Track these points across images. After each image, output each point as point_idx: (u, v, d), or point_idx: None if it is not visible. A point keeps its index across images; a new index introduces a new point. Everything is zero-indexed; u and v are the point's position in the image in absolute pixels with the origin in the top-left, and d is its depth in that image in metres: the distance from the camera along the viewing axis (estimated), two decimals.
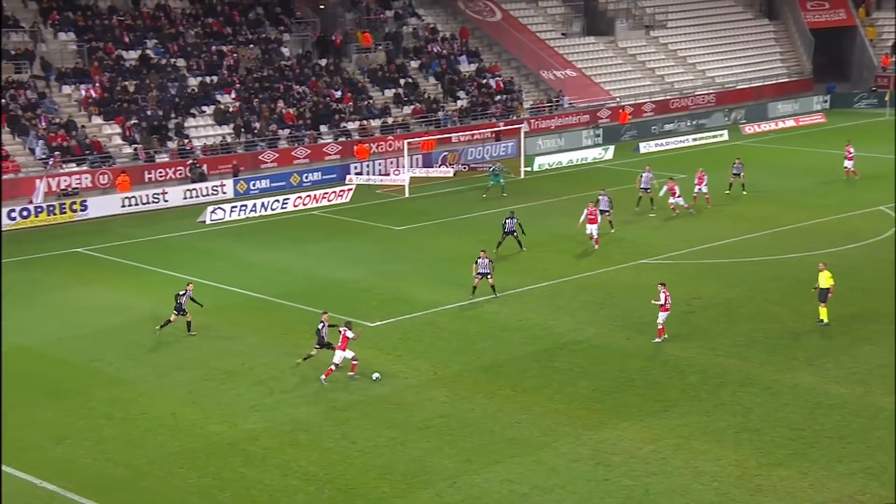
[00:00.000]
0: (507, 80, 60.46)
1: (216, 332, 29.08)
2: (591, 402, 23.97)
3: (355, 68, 57.68)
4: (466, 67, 60.42)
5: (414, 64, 59.49)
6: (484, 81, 59.48)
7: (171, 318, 28.46)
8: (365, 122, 53.91)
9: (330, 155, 51.76)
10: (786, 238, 37.05)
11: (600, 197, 38.01)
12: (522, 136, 53.02)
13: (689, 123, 61.90)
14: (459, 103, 57.48)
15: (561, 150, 56.01)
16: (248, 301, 32.06)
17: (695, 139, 58.28)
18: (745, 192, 43.61)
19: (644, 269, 34.29)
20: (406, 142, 49.47)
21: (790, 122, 62.41)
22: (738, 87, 67.09)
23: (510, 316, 30.15)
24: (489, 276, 30.95)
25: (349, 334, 25.21)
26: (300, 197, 45.34)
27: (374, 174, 50.24)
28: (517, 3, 66.96)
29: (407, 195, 46.81)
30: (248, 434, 22.70)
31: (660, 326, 27.38)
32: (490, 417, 23.26)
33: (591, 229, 36.04)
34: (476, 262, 31.08)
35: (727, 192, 43.70)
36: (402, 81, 57.63)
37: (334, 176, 49.75)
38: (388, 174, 49.89)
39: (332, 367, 25.33)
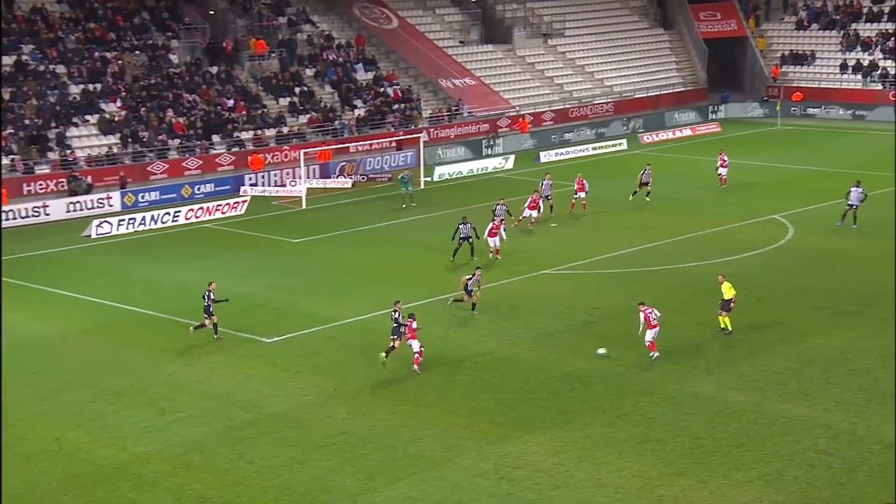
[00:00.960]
0: (405, 88, 60.65)
1: (104, 351, 28.38)
2: (494, 416, 24.14)
3: (248, 76, 57.13)
4: (363, 76, 60.42)
5: (309, 72, 59.20)
6: (381, 90, 59.55)
7: (205, 322, 28.87)
8: (259, 131, 53.40)
9: (223, 166, 51.12)
10: (684, 247, 37.98)
11: (498, 206, 38.49)
12: (422, 145, 53.23)
13: (588, 132, 63.06)
14: (357, 112, 57.43)
15: (461, 159, 56.44)
16: (139, 318, 31.40)
17: (594, 148, 59.29)
18: (648, 199, 44.51)
19: (545, 280, 34.74)
20: (302, 152, 49.16)
21: (687, 132, 64.12)
22: (636, 96, 68.62)
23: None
24: (473, 294, 30.69)
25: (414, 325, 26.25)
26: (192, 209, 44.63)
27: (269, 185, 49.82)
28: (414, 10, 67.29)
29: (304, 207, 46.51)
30: (139, 457, 22.20)
31: (648, 343, 26.96)
32: (392, 434, 23.23)
33: (493, 242, 36.34)
34: (465, 278, 30.82)
35: (631, 198, 44.54)
36: (297, 90, 57.29)
37: (228, 187, 49.14)
38: (284, 185, 49.51)
39: (417, 354, 26.26)
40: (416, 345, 26.52)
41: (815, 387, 24.98)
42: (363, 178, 51.78)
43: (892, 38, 68.15)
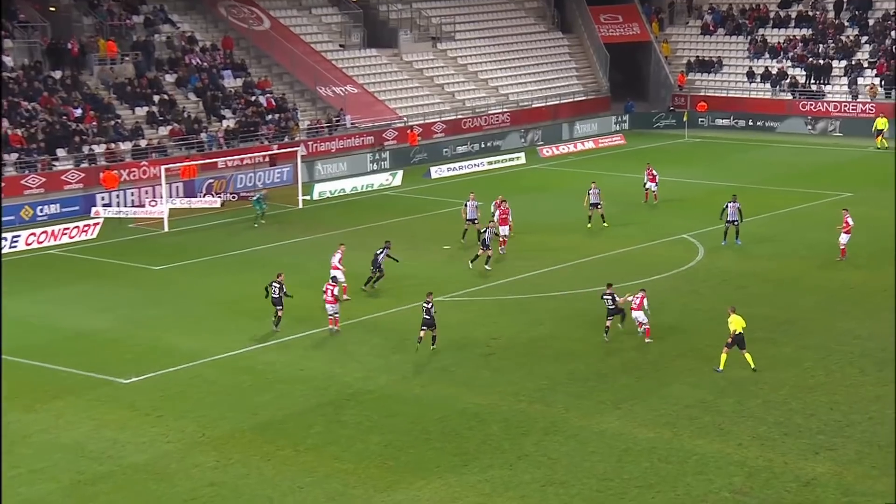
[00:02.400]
0: (279, 97, 60.34)
1: None
2: (383, 460, 24.09)
3: (98, 82, 56.05)
4: (231, 82, 59.91)
5: (169, 78, 58.42)
6: (253, 98, 59.12)
7: (279, 314, 32.06)
8: (112, 144, 52.41)
9: (70, 184, 49.99)
10: (589, 270, 38.57)
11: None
12: (299, 160, 53.01)
13: (483, 145, 63.66)
14: (225, 123, 56.87)
15: (344, 175, 56.34)
16: None
17: (490, 163, 59.89)
18: (606, 225, 44.40)
19: (438, 307, 34.81)
20: (163, 168, 48.41)
21: (589, 144, 65.25)
22: (534, 106, 69.49)
23: (290, 365, 29.93)
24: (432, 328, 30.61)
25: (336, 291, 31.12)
26: (34, 233, 43.55)
27: (125, 206, 49.00)
28: (287, 10, 67.06)
29: (166, 229, 45.81)
30: None
31: (646, 327, 30.74)
32: (267, 483, 22.95)
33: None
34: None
35: (589, 225, 44.35)
36: (155, 98, 56.45)
37: (77, 208, 48.14)
38: (143, 206, 48.70)
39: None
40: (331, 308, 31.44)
41: (729, 420, 25.62)
42: (233, 197, 51.21)
43: (800, 45, 70.80)
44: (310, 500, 22.28)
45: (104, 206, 48.27)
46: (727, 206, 40.79)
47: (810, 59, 69.80)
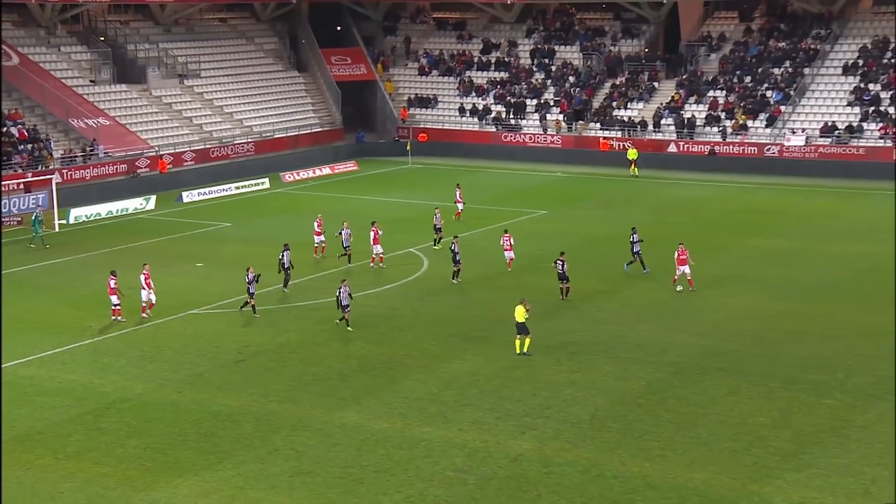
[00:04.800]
0: (31, 127, 56.90)
1: None
2: (142, 462, 23.19)
3: None
4: None
5: None
6: (4, 129, 55.44)
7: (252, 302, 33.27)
8: None
9: None
10: (330, 282, 38.43)
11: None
12: (54, 186, 50.24)
13: (230, 171, 62.61)
14: None
15: (99, 200, 53.89)
16: None
17: (238, 187, 59.11)
18: (438, 247, 43.14)
19: (193, 319, 33.97)
20: None
21: (326, 170, 65.48)
22: (276, 136, 69.06)
23: (49, 379, 28.33)
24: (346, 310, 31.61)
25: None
26: None
27: None
28: (36, 47, 63.54)
29: None
30: None
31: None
32: (27, 491, 21.65)
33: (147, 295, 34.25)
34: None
35: (438, 246, 43.12)
36: None
37: None
38: None
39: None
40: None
41: (452, 409, 26.27)
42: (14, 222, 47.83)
43: (499, 86, 73.91)
44: (70, 503, 21.12)
45: None
46: (633, 239, 38.51)
47: (508, 98, 72.88)
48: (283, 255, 36.89)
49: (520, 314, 30.11)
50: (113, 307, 33.26)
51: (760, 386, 27.25)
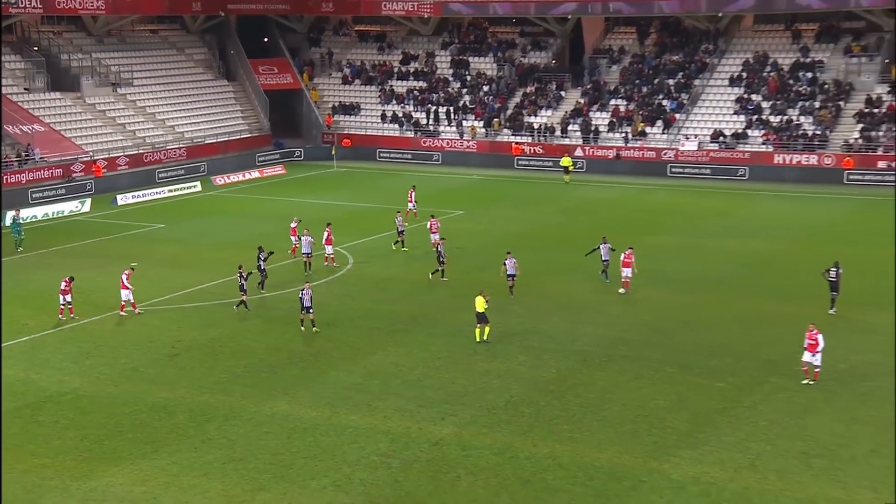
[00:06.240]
0: None
1: None
2: (79, 453, 22.67)
3: None
4: None
5: None
6: None
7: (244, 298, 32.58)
8: None
9: None
10: (257, 279, 38.06)
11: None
12: None
13: (163, 175, 61.49)
14: None
15: (35, 203, 52.42)
16: None
17: (171, 190, 58.15)
18: (394, 248, 42.62)
19: (128, 317, 33.27)
20: None
21: (255, 174, 64.70)
22: (207, 142, 67.96)
23: None
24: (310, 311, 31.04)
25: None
26: None
27: None
28: None
29: None
30: None
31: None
32: None
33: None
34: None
35: (406, 249, 42.37)
36: None
37: None
38: None
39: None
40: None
41: (377, 398, 26.21)
42: None
43: (418, 94, 73.93)
44: (7, 494, 20.57)
45: None
46: (600, 248, 36.91)
47: (428, 105, 72.93)
48: (259, 259, 36.09)
49: (480, 304, 30.27)
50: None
51: (660, 371, 27.80)
